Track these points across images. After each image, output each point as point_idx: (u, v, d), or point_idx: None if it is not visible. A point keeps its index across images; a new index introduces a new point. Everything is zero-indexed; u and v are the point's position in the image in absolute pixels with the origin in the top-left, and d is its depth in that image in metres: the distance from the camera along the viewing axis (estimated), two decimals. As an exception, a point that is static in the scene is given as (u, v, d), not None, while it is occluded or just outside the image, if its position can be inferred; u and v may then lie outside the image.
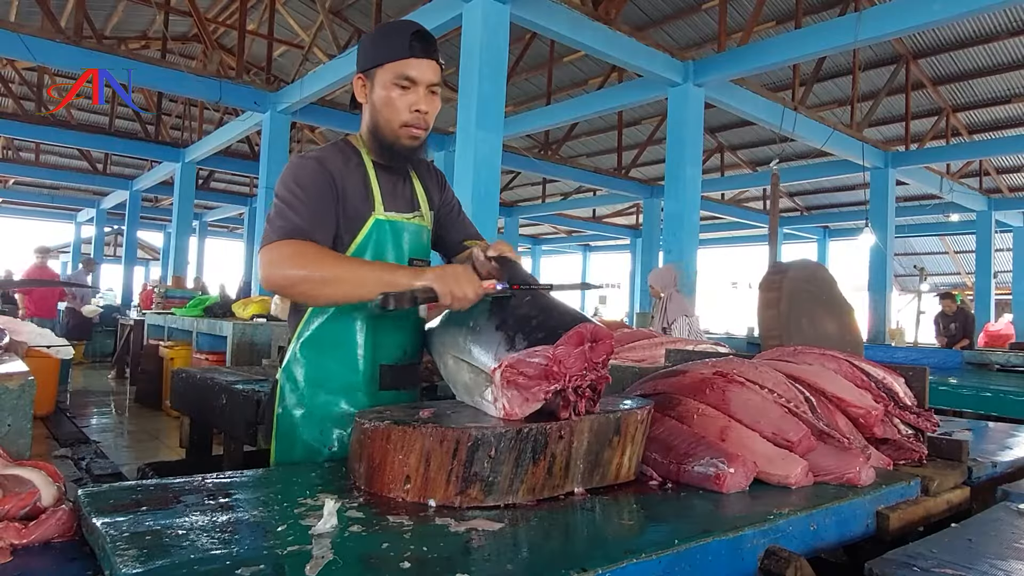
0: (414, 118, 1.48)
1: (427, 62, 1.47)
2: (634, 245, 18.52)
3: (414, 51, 1.45)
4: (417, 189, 1.65)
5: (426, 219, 1.64)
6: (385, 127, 1.50)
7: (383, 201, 1.53)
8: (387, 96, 1.47)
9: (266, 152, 8.90)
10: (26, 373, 1.55)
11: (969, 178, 13.27)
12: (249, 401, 2.71)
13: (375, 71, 1.48)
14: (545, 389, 1.18)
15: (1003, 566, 1.01)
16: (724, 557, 1.04)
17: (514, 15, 5.49)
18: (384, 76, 1.47)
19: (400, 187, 1.60)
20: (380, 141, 1.52)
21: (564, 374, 1.18)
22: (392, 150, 1.52)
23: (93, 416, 6.68)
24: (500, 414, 1.20)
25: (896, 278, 15.10)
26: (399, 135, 1.49)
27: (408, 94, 1.47)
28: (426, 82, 1.47)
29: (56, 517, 1.03)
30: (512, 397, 1.20)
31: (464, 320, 1.38)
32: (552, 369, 1.18)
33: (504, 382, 1.20)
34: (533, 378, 1.19)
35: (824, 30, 6.78)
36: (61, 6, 10.46)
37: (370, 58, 1.50)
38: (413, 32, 1.46)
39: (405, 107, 1.47)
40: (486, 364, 1.25)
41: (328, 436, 1.53)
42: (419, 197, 1.64)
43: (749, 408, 1.48)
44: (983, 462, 1.69)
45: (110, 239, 20.71)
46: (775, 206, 7.78)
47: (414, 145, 1.51)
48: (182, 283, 10.43)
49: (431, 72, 1.48)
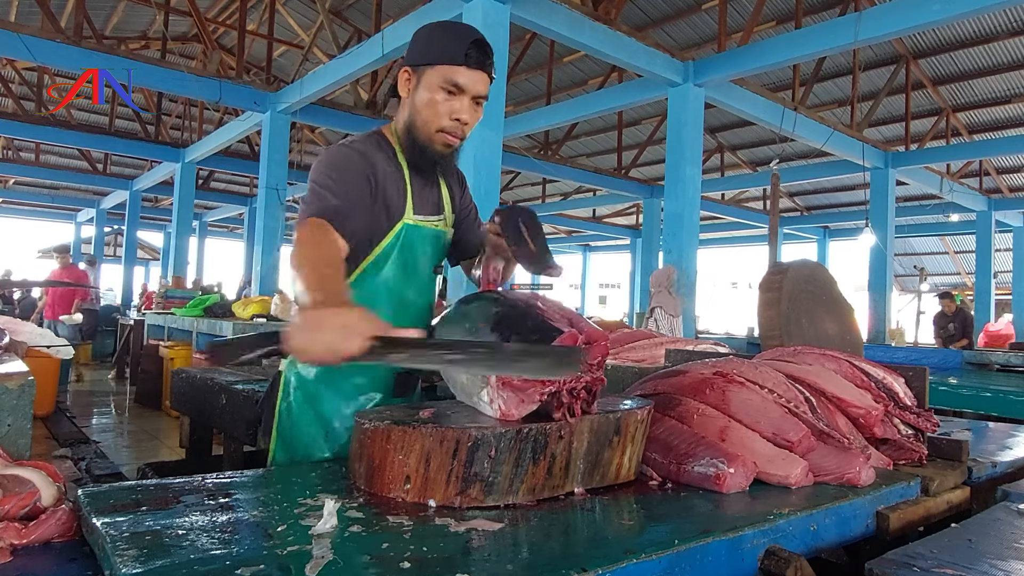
0: (453, 126, 1.44)
1: (480, 73, 1.42)
2: (634, 245, 18.51)
3: (469, 60, 1.40)
4: (443, 192, 1.61)
5: (448, 223, 1.62)
6: (422, 128, 1.45)
7: (414, 204, 1.50)
8: (431, 98, 1.42)
9: (266, 152, 8.90)
10: (26, 373, 1.55)
11: (969, 178, 13.28)
12: (249, 401, 2.71)
13: (424, 69, 1.43)
14: (540, 391, 1.18)
15: (1003, 566, 1.01)
16: (724, 557, 1.04)
17: (514, 15, 5.49)
18: (432, 77, 1.42)
19: (428, 190, 1.56)
20: (413, 139, 1.47)
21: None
22: (424, 152, 1.48)
23: (93, 416, 6.68)
24: (496, 415, 1.21)
25: (896, 278, 15.10)
26: (434, 139, 1.46)
27: (452, 100, 1.42)
28: (474, 92, 1.43)
29: (56, 517, 1.03)
30: (508, 398, 1.20)
31: (461, 321, 1.39)
32: None
33: (500, 383, 1.20)
34: (528, 380, 1.19)
35: (824, 30, 6.78)
36: (61, 6, 10.46)
37: (422, 54, 1.44)
38: (473, 40, 1.41)
39: (446, 113, 1.42)
40: None
41: (332, 436, 1.51)
42: (444, 200, 1.61)
43: (749, 408, 1.48)
44: (983, 462, 1.69)
45: (110, 239, 20.71)
46: (775, 206, 7.78)
47: (446, 152, 1.48)
48: (182, 283, 10.43)
49: (481, 84, 1.43)
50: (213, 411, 2.96)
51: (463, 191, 1.72)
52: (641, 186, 13.32)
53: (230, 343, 1.07)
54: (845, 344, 2.41)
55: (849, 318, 2.60)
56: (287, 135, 9.09)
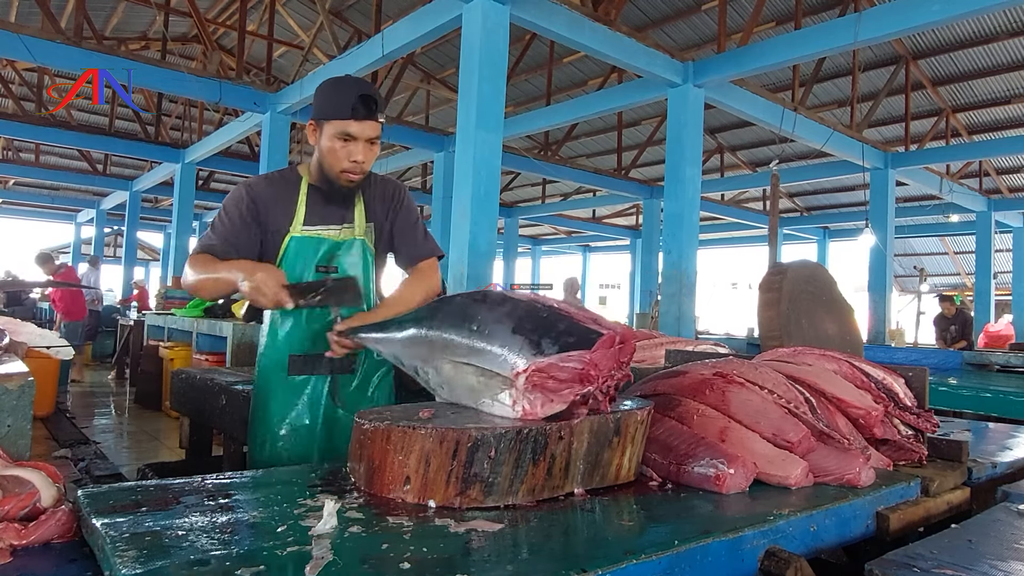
0: (352, 166, 1.72)
1: (367, 123, 1.69)
2: (634, 246, 18.51)
3: (356, 114, 1.67)
4: (357, 205, 1.85)
5: (358, 231, 1.84)
6: (328, 170, 1.75)
7: (306, 218, 1.79)
8: (331, 146, 1.71)
9: (266, 153, 8.90)
10: (26, 374, 1.55)
11: (969, 179, 13.28)
12: (249, 402, 2.71)
13: (323, 123, 1.72)
14: (576, 391, 1.20)
15: (1003, 567, 1.01)
16: (724, 558, 1.04)
17: (514, 16, 5.49)
18: (329, 129, 1.70)
19: (333, 205, 1.82)
20: (324, 176, 1.78)
21: (597, 376, 1.22)
22: (332, 186, 1.78)
23: (93, 417, 6.68)
24: (519, 415, 1.21)
25: (896, 279, 15.11)
26: (339, 178, 1.75)
27: (348, 146, 1.70)
28: (365, 137, 1.70)
29: (56, 518, 1.03)
30: (535, 399, 1.20)
31: (462, 325, 1.36)
32: (588, 373, 1.21)
33: (529, 385, 1.20)
34: (564, 381, 1.20)
35: (824, 31, 6.78)
36: (61, 7, 10.47)
37: (320, 110, 1.73)
38: (359, 95, 1.67)
39: (345, 156, 1.71)
40: (505, 368, 1.24)
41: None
42: (356, 212, 1.85)
43: (749, 409, 1.48)
44: (983, 463, 1.69)
45: (110, 240, 20.72)
46: (775, 207, 7.79)
47: (350, 186, 1.77)
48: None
49: (370, 130, 1.70)
50: (213, 412, 2.96)
51: (393, 204, 1.93)
52: (641, 187, 13.32)
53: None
54: (845, 345, 2.41)
55: (849, 319, 2.60)
56: (287, 136, 9.09)
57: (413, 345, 1.45)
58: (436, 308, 1.46)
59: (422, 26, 6.11)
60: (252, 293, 1.57)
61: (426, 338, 1.41)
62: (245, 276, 1.58)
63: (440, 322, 1.40)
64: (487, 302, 1.37)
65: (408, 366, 1.48)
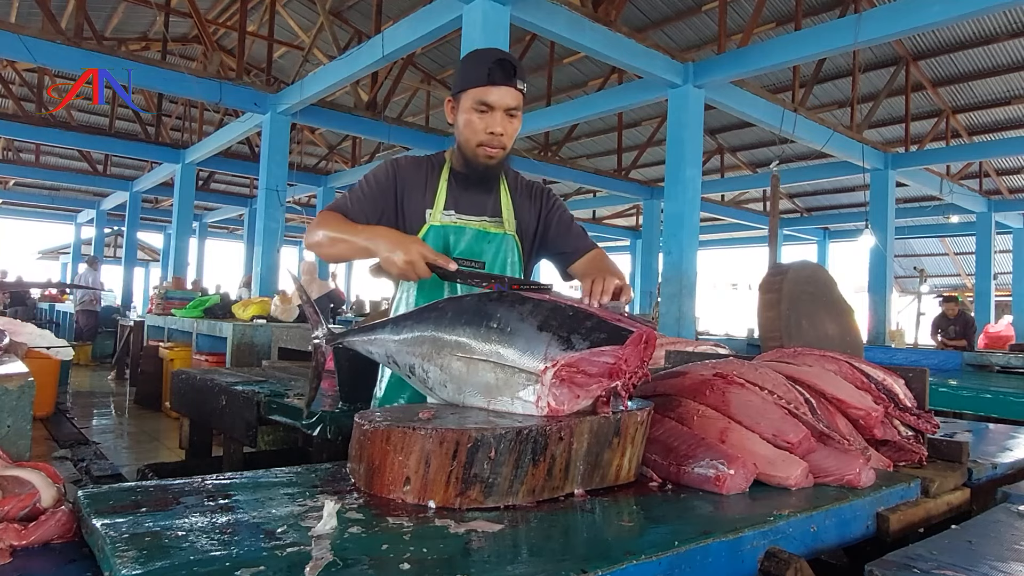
0: (489, 139, 1.63)
1: (505, 88, 1.60)
2: (634, 246, 18.50)
3: (493, 79, 1.58)
4: (502, 199, 1.79)
5: (508, 226, 1.77)
6: (465, 146, 1.67)
7: (446, 203, 1.72)
8: (468, 119, 1.63)
9: (266, 153, 8.90)
10: (26, 374, 1.55)
11: (969, 179, 13.29)
12: (249, 403, 2.71)
13: (460, 95, 1.65)
14: (605, 386, 1.22)
15: (1003, 568, 1.01)
16: (724, 558, 1.04)
17: (514, 16, 5.49)
18: (466, 101, 1.63)
19: (477, 194, 1.75)
20: (463, 155, 1.70)
21: (626, 371, 1.24)
22: (471, 164, 1.69)
23: (93, 417, 6.68)
24: (543, 412, 1.21)
25: (896, 279, 15.11)
26: (477, 153, 1.66)
27: (486, 117, 1.62)
28: (503, 107, 1.61)
29: (56, 518, 1.03)
30: (560, 395, 1.21)
31: (478, 323, 1.33)
32: (620, 367, 1.23)
33: (557, 379, 1.21)
34: (594, 376, 1.22)
35: (824, 31, 6.79)
36: (61, 7, 10.47)
37: (457, 83, 1.66)
38: (494, 60, 1.59)
39: (482, 128, 1.62)
40: (530, 364, 1.24)
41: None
42: (502, 206, 1.78)
43: (749, 409, 1.48)
44: (983, 463, 1.69)
45: (110, 240, 20.70)
46: (775, 207, 7.78)
47: (490, 163, 1.68)
48: (182, 284, 10.43)
49: (509, 97, 1.61)
50: (213, 412, 2.96)
51: (542, 206, 1.86)
52: (641, 187, 13.32)
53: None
54: (845, 345, 2.41)
55: (849, 319, 2.60)
56: (287, 136, 9.09)
57: (413, 344, 1.43)
58: (443, 308, 1.43)
59: (422, 27, 6.12)
60: (404, 268, 1.46)
61: (431, 337, 1.40)
62: (393, 247, 1.47)
63: (451, 321, 1.38)
64: (506, 301, 1.36)
65: (402, 365, 1.46)
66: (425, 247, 1.48)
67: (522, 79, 1.63)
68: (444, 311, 1.41)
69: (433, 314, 1.43)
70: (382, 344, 1.51)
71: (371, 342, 1.55)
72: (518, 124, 1.67)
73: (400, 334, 1.47)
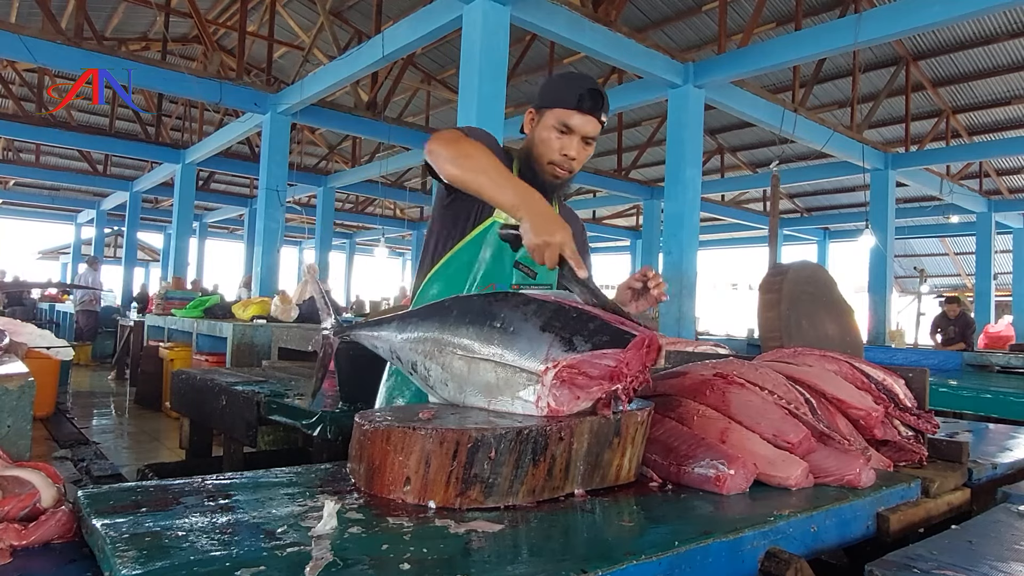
0: (562, 160, 1.66)
1: (589, 117, 1.64)
2: (634, 247, 18.50)
3: (582, 105, 1.62)
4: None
5: None
6: (537, 159, 1.68)
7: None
8: (547, 136, 1.65)
9: (266, 153, 8.90)
10: (26, 374, 1.55)
11: (969, 180, 13.29)
12: (249, 403, 2.71)
13: (544, 110, 1.67)
14: (605, 389, 1.21)
15: (1003, 568, 1.01)
16: (724, 558, 1.04)
17: (514, 16, 5.49)
18: (549, 118, 1.65)
19: None
20: (530, 166, 1.70)
21: (628, 375, 1.23)
22: (536, 178, 1.68)
23: (93, 417, 6.68)
24: (543, 412, 1.21)
25: (896, 279, 15.11)
26: (545, 170, 1.68)
27: (564, 139, 1.65)
28: (583, 133, 1.65)
29: (56, 518, 1.03)
30: (560, 395, 1.21)
31: (482, 322, 1.33)
32: (621, 370, 1.22)
33: (558, 380, 1.21)
34: (595, 378, 1.21)
35: (824, 32, 6.79)
36: (61, 7, 10.47)
37: (544, 98, 1.68)
38: (588, 88, 1.63)
39: (558, 148, 1.65)
40: (532, 363, 1.24)
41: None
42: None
43: (749, 410, 1.48)
44: (983, 464, 1.69)
45: (110, 240, 20.71)
46: (775, 208, 7.78)
47: (555, 182, 1.70)
48: (182, 284, 10.44)
49: (590, 127, 1.66)
50: (213, 412, 2.97)
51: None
52: (641, 187, 13.32)
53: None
54: (845, 345, 2.41)
55: (849, 319, 2.60)
56: (287, 136, 9.09)
57: (417, 342, 1.43)
58: (448, 306, 1.43)
59: (422, 27, 6.12)
60: (551, 247, 1.35)
61: (434, 335, 1.40)
62: (549, 221, 1.37)
63: (455, 319, 1.38)
64: (511, 301, 1.36)
65: (405, 361, 1.46)
66: (570, 240, 1.38)
67: (606, 112, 1.68)
68: (450, 309, 1.41)
69: (438, 312, 1.43)
70: (387, 339, 1.51)
71: (377, 337, 1.55)
72: (591, 152, 1.71)
73: (405, 330, 1.47)
